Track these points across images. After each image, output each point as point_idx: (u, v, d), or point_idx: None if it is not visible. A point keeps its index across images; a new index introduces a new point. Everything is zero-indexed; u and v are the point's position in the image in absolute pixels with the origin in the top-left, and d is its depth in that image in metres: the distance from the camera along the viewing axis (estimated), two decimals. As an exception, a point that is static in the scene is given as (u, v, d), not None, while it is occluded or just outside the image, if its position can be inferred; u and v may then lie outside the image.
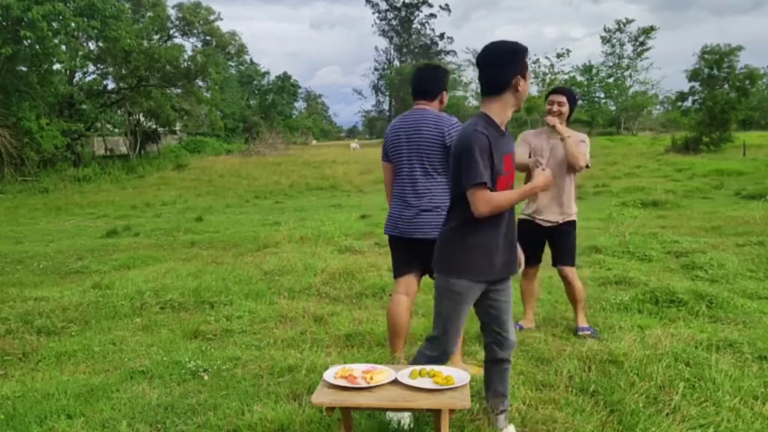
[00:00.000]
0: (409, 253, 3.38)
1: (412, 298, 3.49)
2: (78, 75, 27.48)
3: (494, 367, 2.69)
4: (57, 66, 23.72)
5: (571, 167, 4.13)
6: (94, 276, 6.50)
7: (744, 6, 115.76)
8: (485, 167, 2.37)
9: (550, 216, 4.19)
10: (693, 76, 30.48)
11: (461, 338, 3.42)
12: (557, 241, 4.26)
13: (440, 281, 2.58)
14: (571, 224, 4.25)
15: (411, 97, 3.50)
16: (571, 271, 4.24)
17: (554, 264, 4.32)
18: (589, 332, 4.11)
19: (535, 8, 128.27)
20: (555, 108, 4.18)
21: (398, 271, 3.49)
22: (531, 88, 3.57)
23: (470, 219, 2.45)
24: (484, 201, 2.38)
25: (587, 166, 4.16)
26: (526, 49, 2.52)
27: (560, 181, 4.12)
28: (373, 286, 5.48)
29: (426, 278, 3.45)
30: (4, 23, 20.16)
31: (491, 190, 2.39)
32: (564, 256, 4.26)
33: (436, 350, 2.61)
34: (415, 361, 2.66)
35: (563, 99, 4.20)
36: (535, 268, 4.40)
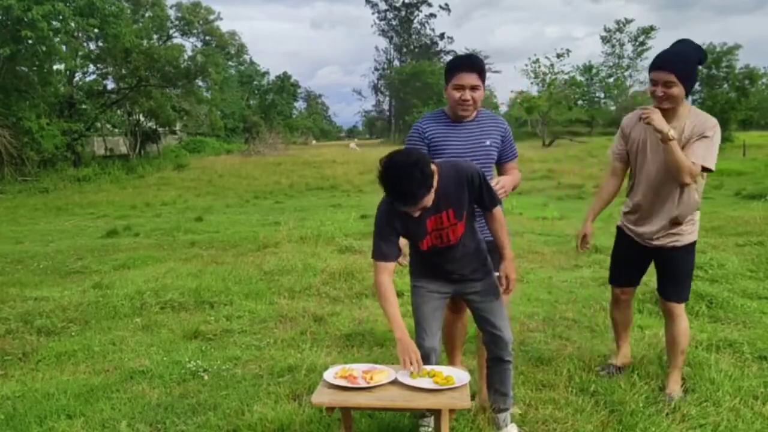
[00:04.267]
0: None
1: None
2: (78, 75, 27.50)
3: (494, 366, 2.69)
4: (57, 66, 23.75)
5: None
6: (94, 276, 6.50)
7: (747, 5, 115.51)
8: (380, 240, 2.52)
9: (657, 239, 3.07)
10: (691, 76, 30.47)
11: (460, 340, 3.40)
12: (665, 268, 3.14)
13: None
14: (688, 247, 3.07)
15: (411, 97, 3.45)
16: (677, 308, 3.11)
17: (659, 292, 3.23)
18: (678, 397, 3.02)
19: (536, 8, 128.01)
20: (659, 91, 2.84)
21: None
22: (531, 88, 3.48)
23: None
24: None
25: (708, 170, 2.89)
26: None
27: (669, 187, 2.96)
28: (373, 286, 5.47)
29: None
30: (4, 23, 20.16)
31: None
32: (671, 288, 3.13)
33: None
34: None
35: (671, 77, 2.80)
36: (627, 293, 3.38)
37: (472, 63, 2.84)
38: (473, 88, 2.80)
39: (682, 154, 2.80)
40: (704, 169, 2.88)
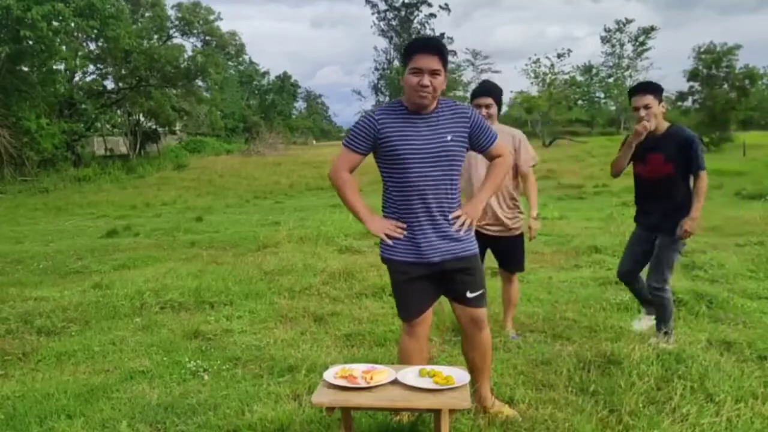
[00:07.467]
0: None
1: None
2: (78, 75, 27.52)
3: None
4: (57, 66, 23.76)
5: None
6: (94, 276, 6.50)
7: (749, 5, 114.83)
8: None
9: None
10: (691, 76, 30.48)
11: None
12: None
13: None
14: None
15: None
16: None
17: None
18: (514, 337, 4.06)
19: (537, 7, 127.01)
20: (484, 111, 3.80)
21: None
22: (531, 88, 3.53)
23: None
24: None
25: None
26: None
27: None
28: (373, 286, 5.47)
29: None
30: (4, 23, 20.16)
31: None
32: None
33: None
34: None
35: (489, 100, 3.85)
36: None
37: (433, 45, 2.56)
38: (433, 73, 2.51)
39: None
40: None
